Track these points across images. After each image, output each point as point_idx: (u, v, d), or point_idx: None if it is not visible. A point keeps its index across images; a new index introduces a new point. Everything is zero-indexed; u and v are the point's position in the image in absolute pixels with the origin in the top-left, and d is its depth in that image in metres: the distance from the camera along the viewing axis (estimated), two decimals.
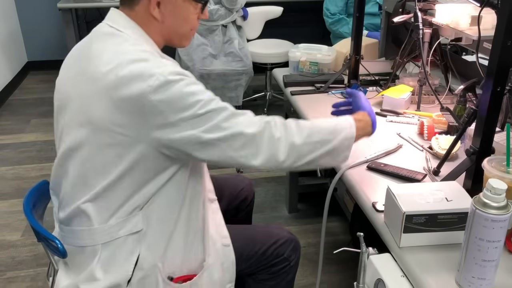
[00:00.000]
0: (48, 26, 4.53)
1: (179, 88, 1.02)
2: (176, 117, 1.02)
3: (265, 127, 1.10)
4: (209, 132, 1.04)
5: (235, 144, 1.07)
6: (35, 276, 2.12)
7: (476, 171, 1.14)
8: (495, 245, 0.87)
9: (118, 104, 1.03)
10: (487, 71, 1.08)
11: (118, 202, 1.11)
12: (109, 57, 1.06)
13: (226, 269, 1.27)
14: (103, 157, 1.08)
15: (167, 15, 1.13)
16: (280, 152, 1.10)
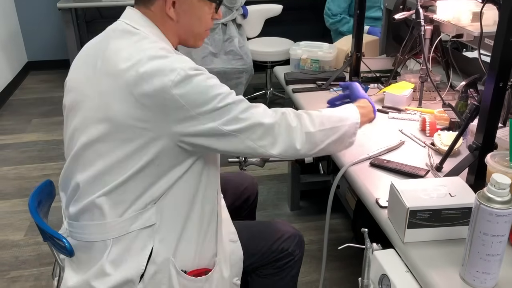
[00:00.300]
0: (48, 26, 4.53)
1: (199, 82, 1.05)
2: (197, 111, 1.05)
3: (281, 118, 1.15)
4: (229, 124, 1.07)
5: (254, 135, 1.11)
6: (38, 276, 2.12)
7: (479, 167, 1.15)
8: (499, 240, 0.87)
9: (139, 100, 1.04)
10: (490, 67, 1.08)
11: (133, 196, 1.11)
12: (128, 54, 1.08)
13: (234, 264, 1.29)
14: (122, 152, 1.09)
15: (182, 15, 1.14)
16: (297, 140, 1.15)
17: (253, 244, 1.36)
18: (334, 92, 1.92)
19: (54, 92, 4.11)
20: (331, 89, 1.94)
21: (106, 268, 1.13)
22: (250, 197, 1.65)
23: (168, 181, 1.11)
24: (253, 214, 1.72)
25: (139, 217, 1.12)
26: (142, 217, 1.12)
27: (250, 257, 1.36)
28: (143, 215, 1.12)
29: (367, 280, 1.09)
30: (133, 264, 1.13)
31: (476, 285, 0.92)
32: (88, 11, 4.33)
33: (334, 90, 1.93)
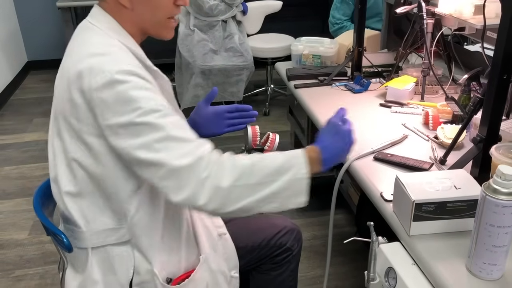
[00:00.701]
0: (48, 25, 4.52)
1: (122, 90, 0.99)
2: (113, 121, 0.99)
3: (195, 163, 0.99)
4: (139, 149, 0.99)
5: (159, 173, 0.99)
6: (43, 274, 2.13)
7: (484, 159, 1.15)
8: (505, 231, 0.88)
9: (75, 98, 1.02)
10: (493, 60, 1.09)
11: (96, 206, 1.11)
12: (75, 52, 1.07)
13: (228, 258, 1.28)
14: (72, 153, 1.08)
15: (136, 2, 1.08)
16: (201, 194, 0.98)
17: (252, 240, 1.36)
18: (336, 87, 1.92)
19: None
20: (333, 84, 1.94)
21: (94, 274, 1.15)
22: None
23: (127, 193, 1.09)
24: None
25: (112, 232, 1.13)
26: (115, 233, 1.13)
27: (249, 253, 1.36)
28: (117, 232, 1.12)
29: (373, 273, 1.09)
30: (120, 273, 1.14)
31: (483, 276, 0.93)
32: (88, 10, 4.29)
33: (336, 85, 1.93)
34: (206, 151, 1.01)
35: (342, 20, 3.19)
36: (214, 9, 3.30)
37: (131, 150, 0.99)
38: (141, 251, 1.14)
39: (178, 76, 3.60)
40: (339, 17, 3.18)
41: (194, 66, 3.37)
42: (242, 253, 1.34)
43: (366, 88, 1.88)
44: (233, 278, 1.30)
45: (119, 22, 1.11)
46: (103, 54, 1.03)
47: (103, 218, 1.13)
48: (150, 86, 1.03)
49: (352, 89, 1.88)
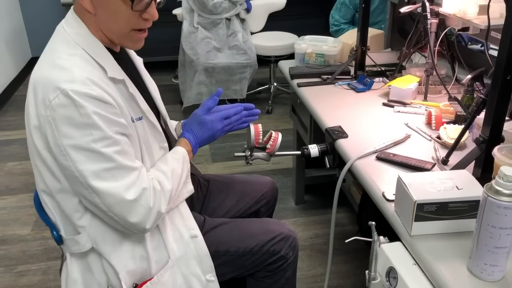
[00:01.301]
0: (52, 22, 4.47)
1: (74, 114, 1.00)
2: (63, 141, 1.01)
3: (141, 195, 1.07)
4: (89, 175, 1.03)
5: (107, 201, 1.05)
6: (46, 270, 2.14)
7: (486, 160, 1.15)
8: (507, 232, 0.88)
9: (31, 107, 1.05)
10: (497, 60, 1.08)
11: (61, 211, 1.15)
12: (42, 60, 1.09)
13: (201, 261, 1.25)
14: (33, 160, 1.12)
15: (98, 8, 1.07)
16: (148, 221, 1.10)
17: (243, 244, 1.33)
18: (339, 86, 1.92)
19: None
20: (336, 83, 1.94)
21: (74, 274, 1.19)
22: (269, 202, 1.61)
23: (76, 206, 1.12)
24: (270, 213, 1.66)
25: (76, 241, 1.15)
26: (78, 242, 1.15)
27: (239, 258, 1.33)
28: (79, 240, 1.15)
29: (374, 272, 1.09)
30: (98, 274, 1.18)
31: (484, 277, 0.93)
32: None
33: (339, 84, 1.93)
34: (146, 180, 1.10)
35: (340, 23, 3.21)
36: (218, 7, 3.30)
37: (80, 174, 1.03)
38: (106, 258, 1.16)
39: (181, 73, 3.60)
40: (338, 19, 3.20)
41: (197, 63, 3.37)
42: (233, 258, 1.32)
43: (369, 87, 1.88)
44: (210, 282, 1.27)
45: (87, 26, 1.10)
46: (59, 67, 1.03)
47: (68, 226, 1.16)
48: (103, 111, 1.02)
49: (355, 88, 1.88)
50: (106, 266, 1.17)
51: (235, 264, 1.33)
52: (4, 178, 2.87)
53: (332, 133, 1.53)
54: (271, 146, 1.48)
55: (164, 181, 1.16)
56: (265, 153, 1.48)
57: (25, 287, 2.05)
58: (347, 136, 1.52)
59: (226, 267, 1.32)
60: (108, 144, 1.03)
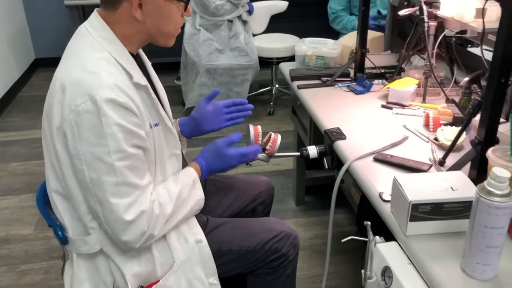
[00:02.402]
0: (56, 23, 4.56)
1: (97, 122, 1.03)
2: (81, 146, 1.04)
3: (137, 218, 1.09)
4: (95, 183, 1.06)
5: (106, 214, 1.08)
6: (48, 269, 2.17)
7: (481, 161, 1.17)
8: (499, 232, 0.89)
9: (54, 109, 1.07)
10: (492, 63, 1.10)
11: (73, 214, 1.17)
12: (69, 60, 1.11)
13: (205, 265, 1.28)
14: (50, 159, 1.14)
15: (149, 16, 1.12)
16: (139, 242, 1.12)
17: (246, 243, 1.35)
18: (339, 88, 1.94)
19: None
20: (336, 85, 1.96)
21: (81, 274, 1.21)
22: (265, 201, 1.63)
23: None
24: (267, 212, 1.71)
25: (83, 243, 1.18)
26: (87, 243, 1.17)
27: (242, 256, 1.35)
28: (88, 241, 1.17)
29: (370, 272, 1.11)
30: (102, 279, 1.20)
31: (476, 276, 0.95)
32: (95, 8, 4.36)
33: (339, 86, 1.95)
34: (147, 202, 1.11)
35: (337, 10, 3.36)
36: (220, 8, 3.32)
37: (90, 181, 1.06)
38: (113, 260, 1.18)
39: (183, 75, 3.63)
40: (335, 7, 3.36)
41: (199, 65, 3.40)
42: (236, 257, 1.34)
43: (369, 89, 1.90)
44: (212, 285, 1.29)
45: (125, 33, 1.13)
46: (89, 71, 1.05)
47: (78, 227, 1.18)
48: (125, 122, 1.05)
49: (354, 90, 1.90)
50: (113, 268, 1.19)
51: (238, 262, 1.36)
52: (7, 178, 2.90)
53: (330, 134, 1.55)
54: (270, 147, 1.50)
55: (167, 204, 1.17)
56: (264, 154, 1.50)
57: (27, 286, 2.08)
58: (345, 137, 1.53)
59: (229, 265, 1.34)
60: (121, 158, 1.05)
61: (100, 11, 1.15)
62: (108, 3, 1.12)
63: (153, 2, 1.11)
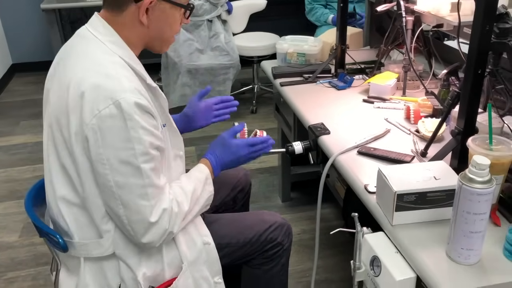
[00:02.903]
0: (32, 28, 4.50)
1: (121, 125, 1.03)
2: (105, 151, 1.04)
3: (160, 218, 1.12)
4: (120, 189, 1.07)
5: (132, 217, 1.10)
6: (36, 275, 2.15)
7: (462, 151, 1.20)
8: (481, 217, 0.93)
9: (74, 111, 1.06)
10: (468, 55, 1.14)
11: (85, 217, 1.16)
12: (79, 66, 1.09)
13: (211, 265, 1.31)
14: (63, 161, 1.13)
15: (154, 21, 1.13)
16: (160, 241, 1.15)
17: (243, 236, 1.40)
18: (321, 84, 1.97)
19: (41, 94, 3.96)
20: (318, 81, 1.99)
21: (87, 279, 1.20)
22: (244, 189, 1.68)
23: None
24: (246, 205, 1.76)
25: (97, 245, 1.17)
26: (101, 246, 1.17)
27: (240, 248, 1.39)
28: (102, 244, 1.17)
29: (358, 262, 1.14)
30: (111, 279, 1.20)
31: (461, 261, 0.98)
32: (72, 12, 4.31)
33: (321, 83, 1.98)
34: (167, 200, 1.13)
35: (313, 3, 3.44)
36: (199, 8, 3.33)
37: (114, 184, 1.06)
38: (125, 262, 1.19)
39: (164, 76, 3.62)
40: (310, 1, 3.44)
41: (180, 65, 3.40)
42: (234, 249, 1.38)
43: (350, 85, 1.93)
44: (217, 284, 1.32)
45: (128, 36, 1.13)
46: (107, 76, 1.05)
47: (89, 231, 1.17)
48: (147, 124, 1.06)
49: (336, 86, 1.93)
50: (123, 270, 1.19)
51: (236, 254, 1.39)
52: None
53: (315, 130, 1.58)
54: None
55: (184, 202, 1.20)
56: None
57: None
58: (329, 132, 1.56)
59: (228, 258, 1.37)
60: (146, 160, 1.07)
61: (103, 14, 1.15)
62: (114, 5, 1.12)
63: (159, 8, 1.13)
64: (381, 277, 1.07)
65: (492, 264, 0.99)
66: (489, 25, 1.08)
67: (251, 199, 2.35)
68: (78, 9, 4.19)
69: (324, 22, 3.41)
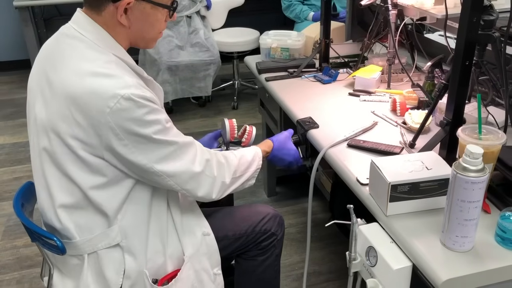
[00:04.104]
0: (5, 26, 4.38)
1: (138, 113, 1.04)
2: (130, 139, 1.06)
3: (206, 165, 1.19)
4: (159, 163, 1.10)
5: (180, 180, 1.15)
6: (20, 279, 2.10)
7: (450, 141, 1.23)
8: (475, 205, 0.95)
9: (75, 117, 1.04)
10: (456, 47, 1.16)
11: (91, 214, 1.14)
12: (71, 67, 1.06)
13: (211, 257, 1.32)
14: (65, 167, 1.10)
15: (134, 21, 1.11)
16: (214, 190, 1.22)
17: (238, 228, 1.42)
18: (306, 79, 1.98)
19: (17, 94, 3.99)
20: (303, 76, 2.00)
21: (88, 280, 1.18)
22: None
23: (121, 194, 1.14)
24: (231, 200, 1.76)
25: (104, 236, 1.16)
26: (107, 237, 1.16)
27: (236, 240, 1.41)
28: (108, 235, 1.16)
29: (354, 253, 1.15)
30: (112, 278, 1.18)
31: (456, 248, 1.00)
32: (46, 9, 4.22)
33: (306, 77, 1.99)
34: (206, 152, 1.21)
35: (290, 0, 3.46)
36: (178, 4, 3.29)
37: (149, 165, 1.10)
38: (130, 253, 1.18)
39: None
40: None
41: (160, 62, 3.36)
42: (231, 241, 1.39)
43: (335, 79, 1.94)
44: (217, 275, 1.34)
45: (113, 35, 1.11)
46: (108, 75, 1.04)
47: (95, 224, 1.15)
48: (156, 106, 1.09)
49: (321, 80, 1.94)
50: (128, 262, 1.18)
51: (234, 246, 1.41)
52: None
53: (303, 124, 1.59)
54: (246, 140, 1.52)
55: (231, 156, 1.29)
56: (240, 147, 1.52)
57: None
58: (318, 126, 1.57)
59: (225, 250, 1.38)
60: (167, 132, 1.11)
61: (85, 11, 1.12)
62: (93, 5, 1.09)
63: (139, 8, 1.10)
64: (377, 267, 1.08)
65: (485, 250, 1.01)
66: (477, 17, 1.10)
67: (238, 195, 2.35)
68: (51, 6, 4.11)
69: (304, 19, 3.43)
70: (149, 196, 1.19)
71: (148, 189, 1.18)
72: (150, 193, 1.19)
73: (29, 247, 2.24)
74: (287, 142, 1.52)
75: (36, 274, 2.10)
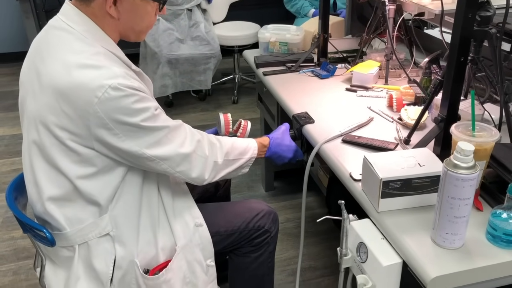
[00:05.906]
0: (7, 17, 4.37)
1: (125, 101, 1.04)
2: (120, 128, 1.06)
3: (197, 146, 1.21)
4: (150, 148, 1.11)
5: (173, 162, 1.17)
6: (17, 270, 2.11)
7: (445, 137, 1.22)
8: (465, 202, 0.95)
9: (63, 109, 1.04)
10: (451, 43, 1.15)
11: (81, 205, 1.15)
12: (59, 59, 1.06)
13: (204, 248, 1.32)
14: (54, 159, 1.10)
15: (124, 13, 1.11)
16: (206, 171, 1.24)
17: (231, 224, 1.41)
18: (304, 74, 1.97)
19: (17, 85, 3.90)
20: (301, 70, 1.99)
21: (79, 271, 1.18)
22: None
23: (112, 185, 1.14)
24: (228, 195, 1.77)
25: (95, 226, 1.16)
26: (98, 226, 1.16)
27: (228, 236, 1.41)
28: (98, 224, 1.16)
29: (345, 249, 1.15)
30: (102, 269, 1.18)
31: (446, 245, 1.00)
32: (47, 0, 4.21)
33: (304, 72, 1.98)
34: (197, 133, 1.23)
35: None
36: None
37: (141, 150, 1.11)
38: (121, 242, 1.18)
39: (143, 66, 3.56)
40: None
41: (160, 55, 3.35)
42: (223, 237, 1.39)
43: (332, 74, 1.93)
44: (210, 267, 1.34)
45: (101, 27, 1.11)
46: (95, 67, 1.04)
47: (85, 214, 1.16)
48: (144, 94, 1.09)
49: (319, 75, 1.93)
50: (119, 252, 1.18)
51: (226, 242, 1.41)
52: None
53: (299, 119, 1.58)
54: (241, 134, 1.52)
55: (225, 139, 1.31)
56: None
57: None
58: (313, 121, 1.57)
59: (217, 246, 1.38)
60: (156, 119, 1.11)
61: (74, 3, 1.11)
62: None
63: (128, 0, 1.10)
64: (367, 263, 1.08)
65: (476, 247, 1.01)
66: (472, 13, 1.09)
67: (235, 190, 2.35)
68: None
69: (304, 15, 3.41)
70: (140, 184, 1.19)
71: (139, 176, 1.18)
72: (141, 180, 1.19)
73: (26, 238, 2.23)
74: (285, 138, 1.51)
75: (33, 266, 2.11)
